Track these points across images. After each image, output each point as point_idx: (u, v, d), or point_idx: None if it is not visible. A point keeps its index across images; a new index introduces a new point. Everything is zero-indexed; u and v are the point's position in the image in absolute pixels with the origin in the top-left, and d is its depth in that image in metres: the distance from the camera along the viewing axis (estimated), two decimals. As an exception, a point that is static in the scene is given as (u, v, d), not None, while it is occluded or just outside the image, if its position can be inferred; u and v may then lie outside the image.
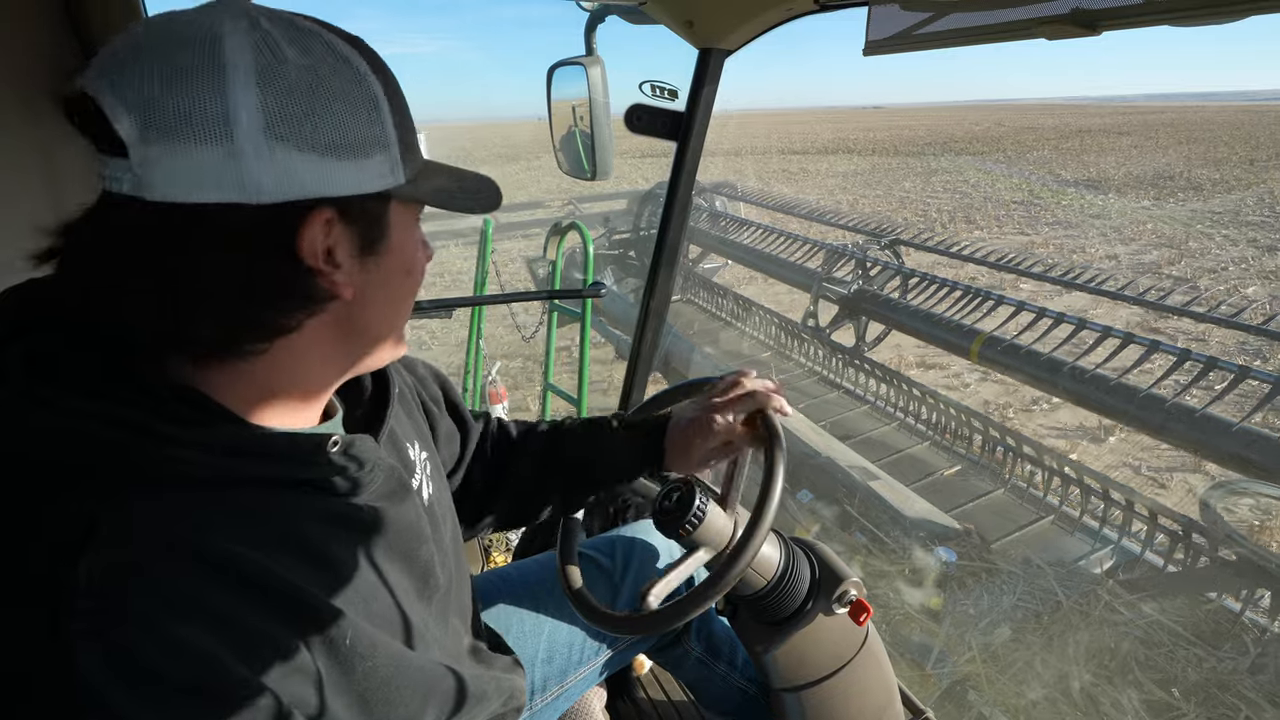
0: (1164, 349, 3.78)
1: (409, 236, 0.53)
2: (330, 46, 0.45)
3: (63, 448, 0.41)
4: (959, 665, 3.03)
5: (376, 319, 0.53)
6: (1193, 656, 2.96)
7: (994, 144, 38.20)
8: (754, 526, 0.72)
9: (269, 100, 0.41)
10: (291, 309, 0.47)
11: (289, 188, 0.43)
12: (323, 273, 0.46)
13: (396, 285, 0.53)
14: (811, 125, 70.20)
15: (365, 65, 0.46)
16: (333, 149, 0.44)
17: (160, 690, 0.39)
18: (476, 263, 4.50)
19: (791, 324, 5.99)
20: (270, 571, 0.45)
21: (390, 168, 0.48)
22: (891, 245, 6.37)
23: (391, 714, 0.53)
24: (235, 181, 0.41)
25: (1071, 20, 0.64)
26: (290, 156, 0.42)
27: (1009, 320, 4.58)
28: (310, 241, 0.45)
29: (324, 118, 0.43)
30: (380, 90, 0.47)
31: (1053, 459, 3.93)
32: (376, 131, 0.46)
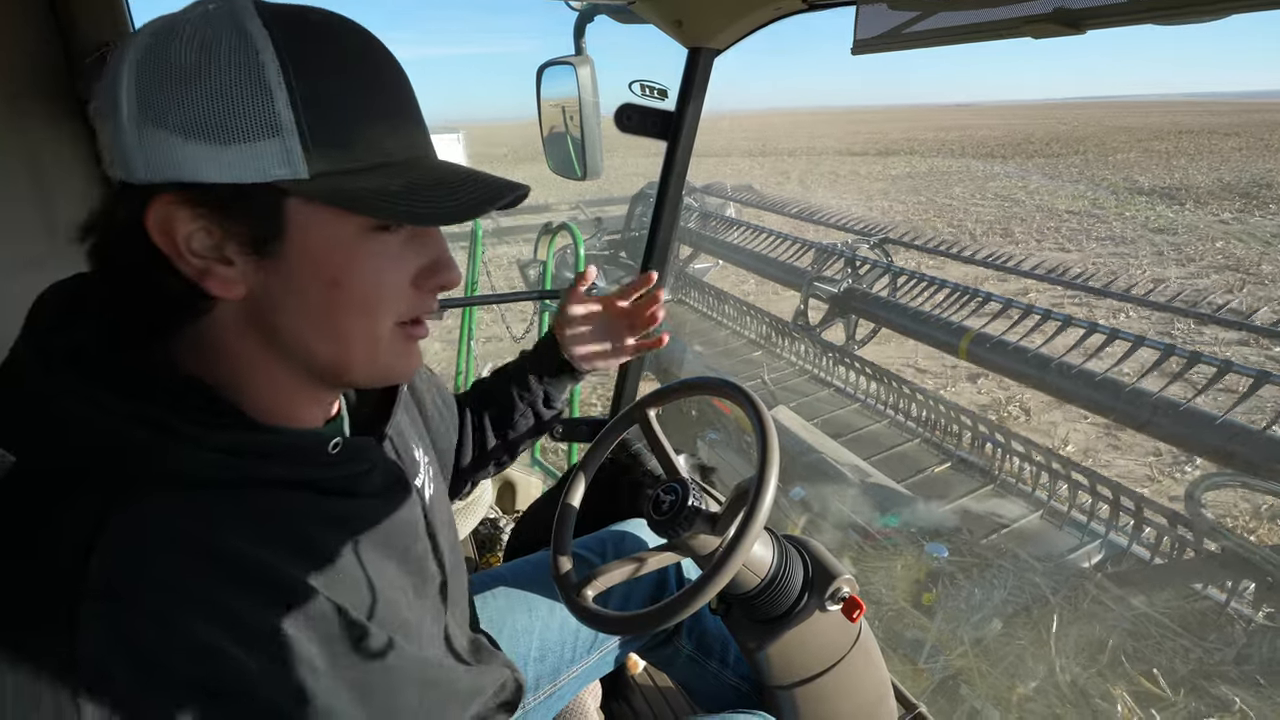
0: (1149, 344, 3.82)
1: (333, 244, 0.46)
2: (237, 28, 0.41)
3: (88, 442, 0.42)
4: (951, 660, 3.05)
5: (304, 334, 0.48)
6: (1180, 648, 2.99)
7: (1074, 145, 35.97)
8: (744, 528, 0.72)
9: (143, 79, 0.41)
10: (169, 294, 0.45)
11: (155, 169, 0.42)
12: (188, 262, 0.43)
13: (317, 296, 0.46)
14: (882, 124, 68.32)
15: (269, 47, 0.42)
16: (196, 131, 0.41)
17: (172, 684, 0.39)
18: (467, 264, 4.48)
19: (782, 323, 6.01)
20: (277, 569, 0.45)
21: (283, 158, 0.42)
22: (881, 244, 6.41)
23: (390, 707, 0.53)
24: (122, 160, 0.42)
25: (1055, 19, 0.65)
26: (157, 137, 0.41)
27: (997, 317, 4.62)
28: (156, 225, 0.42)
29: (194, 99, 0.41)
30: (275, 69, 0.41)
31: (1041, 454, 3.96)
32: (261, 114, 0.41)
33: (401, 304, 0.51)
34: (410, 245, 0.50)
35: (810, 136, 52.55)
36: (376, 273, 0.48)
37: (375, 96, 0.46)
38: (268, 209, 0.44)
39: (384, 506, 0.57)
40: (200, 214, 0.43)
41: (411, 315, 0.52)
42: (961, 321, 4.74)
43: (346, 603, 0.50)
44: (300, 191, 0.43)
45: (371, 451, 0.55)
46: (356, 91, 0.45)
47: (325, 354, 0.49)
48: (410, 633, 0.57)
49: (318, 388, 0.53)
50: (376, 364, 0.51)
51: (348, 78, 0.45)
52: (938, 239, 6.04)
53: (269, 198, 0.43)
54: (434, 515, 0.67)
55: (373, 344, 0.50)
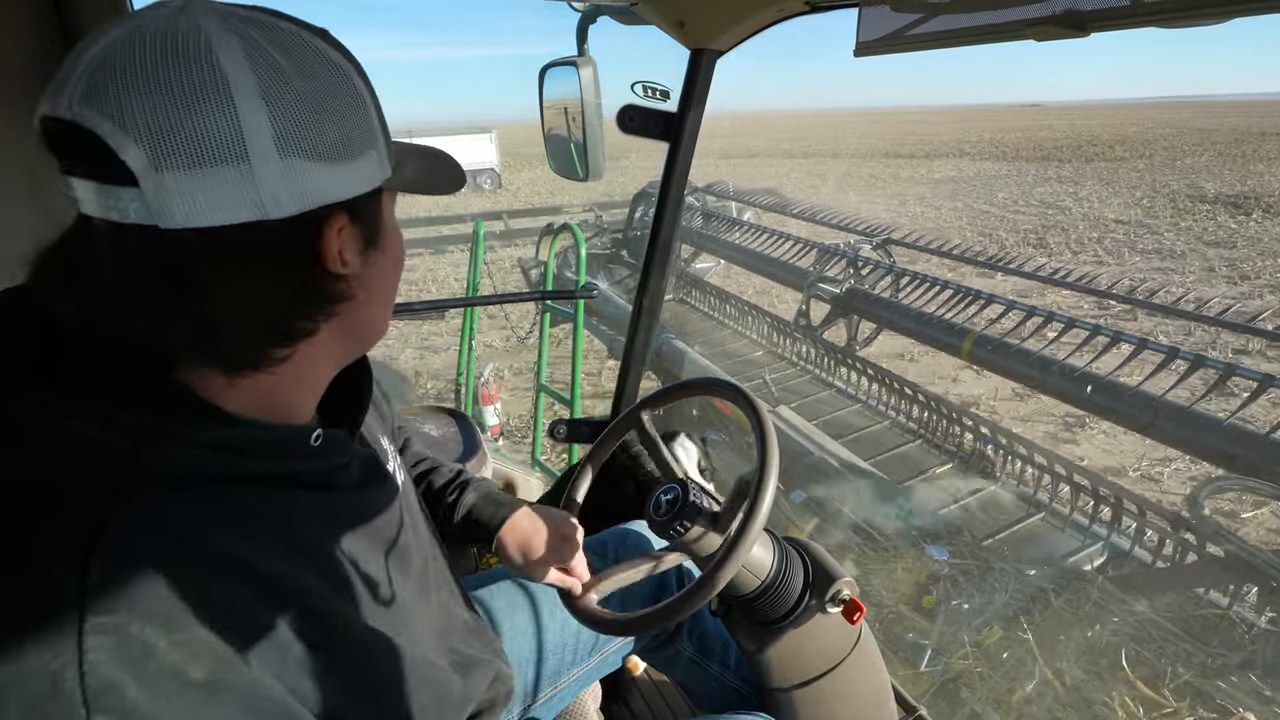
0: (1151, 346, 3.82)
1: (394, 225, 0.54)
2: (312, 48, 0.44)
3: (67, 451, 0.42)
4: (952, 663, 3.05)
5: (376, 312, 0.54)
6: (1182, 652, 2.98)
7: (1141, 148, 34.22)
8: (743, 531, 0.72)
9: (276, 114, 0.41)
10: (314, 314, 0.48)
11: (304, 199, 0.43)
12: (341, 276, 0.48)
13: (392, 276, 0.55)
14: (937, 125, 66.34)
15: (346, 63, 0.46)
16: (336, 154, 0.44)
17: (175, 686, 0.39)
18: (469, 264, 4.49)
19: (784, 323, 6.01)
20: (267, 566, 0.45)
21: (379, 162, 0.48)
22: (883, 245, 6.41)
23: (383, 697, 0.54)
24: (254, 200, 0.41)
25: (1059, 22, 0.65)
26: (301, 167, 0.42)
27: (1000, 318, 4.61)
28: (329, 247, 0.46)
29: (325, 124, 0.44)
30: (364, 88, 0.47)
31: (1043, 456, 3.95)
32: (367, 130, 0.47)
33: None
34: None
35: (858, 138, 51.85)
36: (402, 241, 0.56)
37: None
38: (378, 209, 0.50)
39: (364, 498, 0.58)
40: (344, 226, 0.47)
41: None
42: (964, 323, 4.74)
43: (336, 594, 0.51)
44: (389, 187, 0.50)
45: (347, 444, 0.56)
46: (378, 98, 0.50)
47: (380, 325, 0.56)
48: (399, 622, 0.58)
49: (335, 372, 0.56)
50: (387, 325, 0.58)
51: (373, 86, 0.50)
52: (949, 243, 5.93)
53: (377, 199, 0.50)
54: (410, 502, 0.69)
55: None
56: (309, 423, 0.55)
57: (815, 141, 48.72)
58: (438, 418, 1.87)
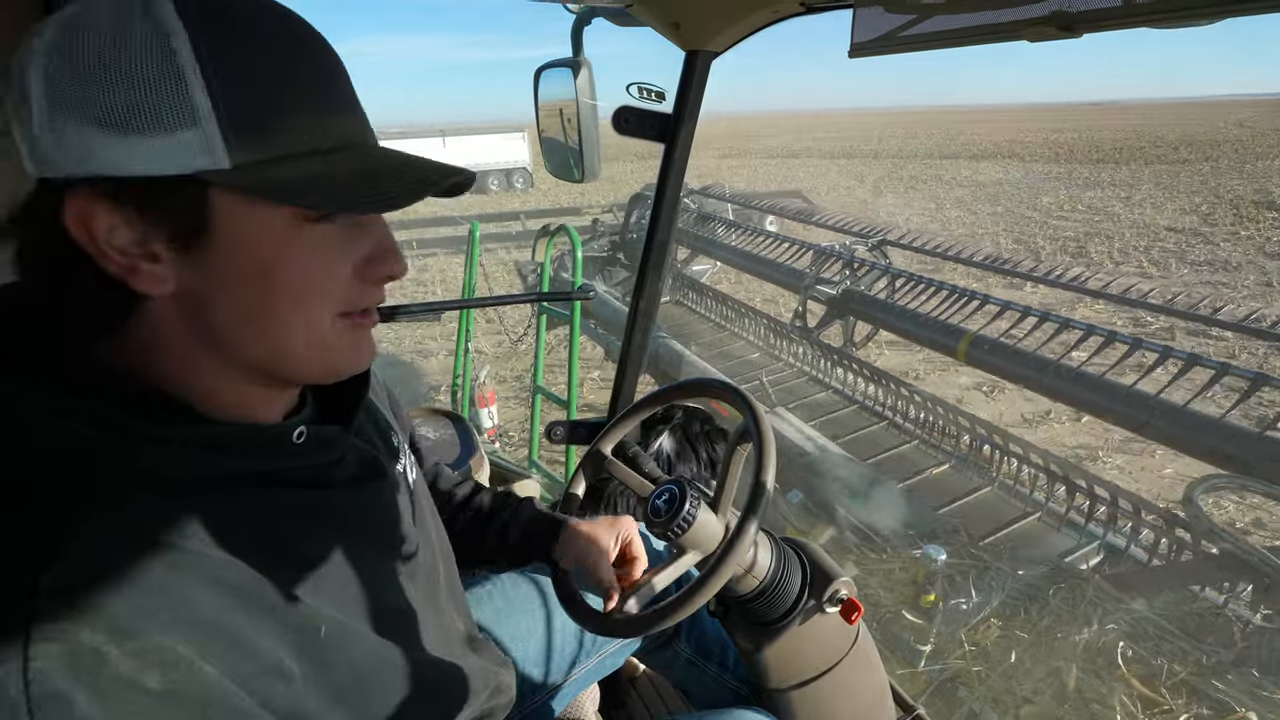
0: (1147, 346, 3.84)
1: (262, 236, 0.44)
2: (149, 14, 0.40)
3: (38, 448, 0.41)
4: (950, 662, 3.05)
5: (236, 328, 0.46)
6: (1178, 649, 2.99)
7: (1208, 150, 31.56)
8: (740, 531, 0.72)
9: (53, 70, 0.39)
10: (94, 293, 0.43)
11: (72, 164, 0.40)
12: (111, 260, 0.42)
13: (246, 288, 0.45)
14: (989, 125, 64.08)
15: (178, 26, 0.40)
16: (111, 123, 0.39)
17: (129, 695, 0.37)
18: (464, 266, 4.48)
19: (780, 324, 6.02)
20: (243, 571, 0.44)
21: (202, 147, 0.41)
22: (879, 246, 6.43)
23: (373, 707, 0.52)
24: (38, 155, 0.40)
25: (1052, 23, 0.65)
26: (71, 129, 0.39)
27: (995, 319, 4.63)
28: (76, 219, 0.41)
29: (107, 89, 0.39)
30: (189, 56, 0.40)
31: (1039, 455, 3.97)
32: (176, 103, 0.40)
33: (342, 295, 0.48)
34: (350, 235, 0.48)
35: (904, 138, 50.22)
36: (310, 264, 0.46)
37: (302, 82, 0.45)
38: (191, 201, 0.42)
39: (360, 496, 0.56)
40: (120, 208, 0.41)
41: (357, 306, 0.50)
42: (960, 324, 4.76)
43: (319, 599, 0.48)
44: (223, 182, 0.42)
45: (340, 440, 0.54)
46: (280, 77, 0.43)
47: (260, 348, 0.47)
48: (397, 627, 0.56)
49: (264, 384, 0.51)
50: (322, 358, 0.50)
51: (271, 63, 0.43)
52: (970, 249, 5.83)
53: (191, 189, 0.42)
54: (419, 503, 0.66)
55: (313, 337, 0.48)
56: (289, 421, 0.53)
57: (860, 141, 47.31)
58: (435, 420, 1.87)
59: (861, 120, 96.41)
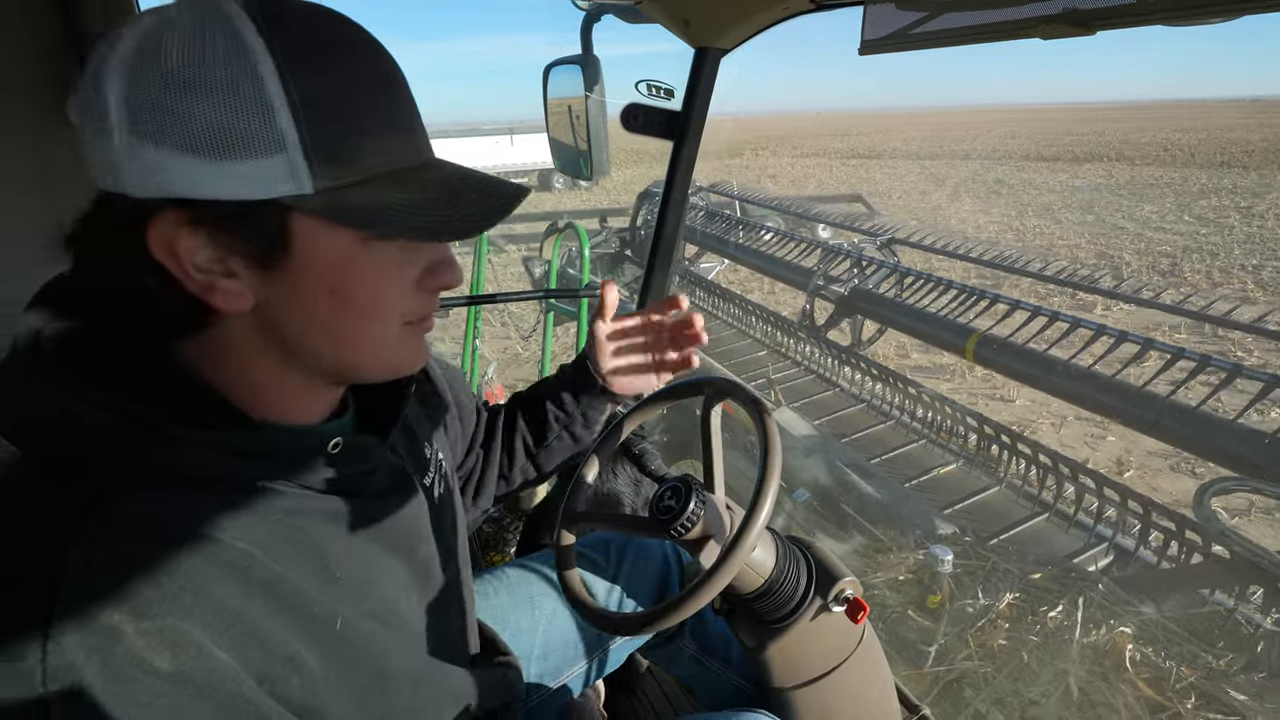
0: (1158, 346, 3.80)
1: (339, 257, 0.46)
2: (234, 39, 0.41)
3: (79, 435, 0.42)
4: (956, 663, 3.04)
5: (312, 338, 0.48)
6: (1187, 653, 2.97)
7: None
8: (744, 529, 0.72)
9: (136, 94, 0.40)
10: (165, 307, 0.45)
11: (150, 184, 0.41)
12: (191, 278, 0.43)
13: (321, 305, 0.47)
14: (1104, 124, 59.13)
15: (266, 56, 0.41)
16: (195, 148, 0.40)
17: (138, 674, 0.38)
18: (472, 263, 4.49)
19: (787, 322, 6.00)
20: (264, 566, 0.45)
21: (288, 173, 0.42)
22: (887, 244, 6.39)
23: (385, 705, 0.53)
24: (112, 171, 0.42)
25: (1065, 20, 0.65)
26: (153, 153, 0.40)
27: (1005, 318, 4.60)
28: (157, 241, 0.42)
29: (191, 113, 0.40)
30: (276, 85, 0.41)
31: (1048, 456, 3.94)
32: (263, 131, 0.41)
33: (406, 306, 0.51)
34: (409, 249, 0.50)
35: (1001, 137, 46.05)
36: (379, 280, 0.48)
37: (378, 106, 0.46)
38: (273, 225, 0.44)
39: (388, 507, 0.57)
40: (204, 230, 0.42)
41: (418, 315, 0.53)
42: (969, 323, 4.73)
43: (340, 601, 0.50)
44: (304, 207, 0.43)
45: (374, 451, 0.55)
46: (360, 102, 0.44)
47: (334, 359, 0.50)
48: (411, 633, 0.57)
49: (325, 385, 0.54)
50: (387, 362, 0.53)
51: (349, 89, 0.44)
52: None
53: (274, 214, 0.43)
54: (441, 516, 0.67)
55: (380, 346, 0.51)
56: (328, 427, 0.55)
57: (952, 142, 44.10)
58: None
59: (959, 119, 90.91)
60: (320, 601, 0.48)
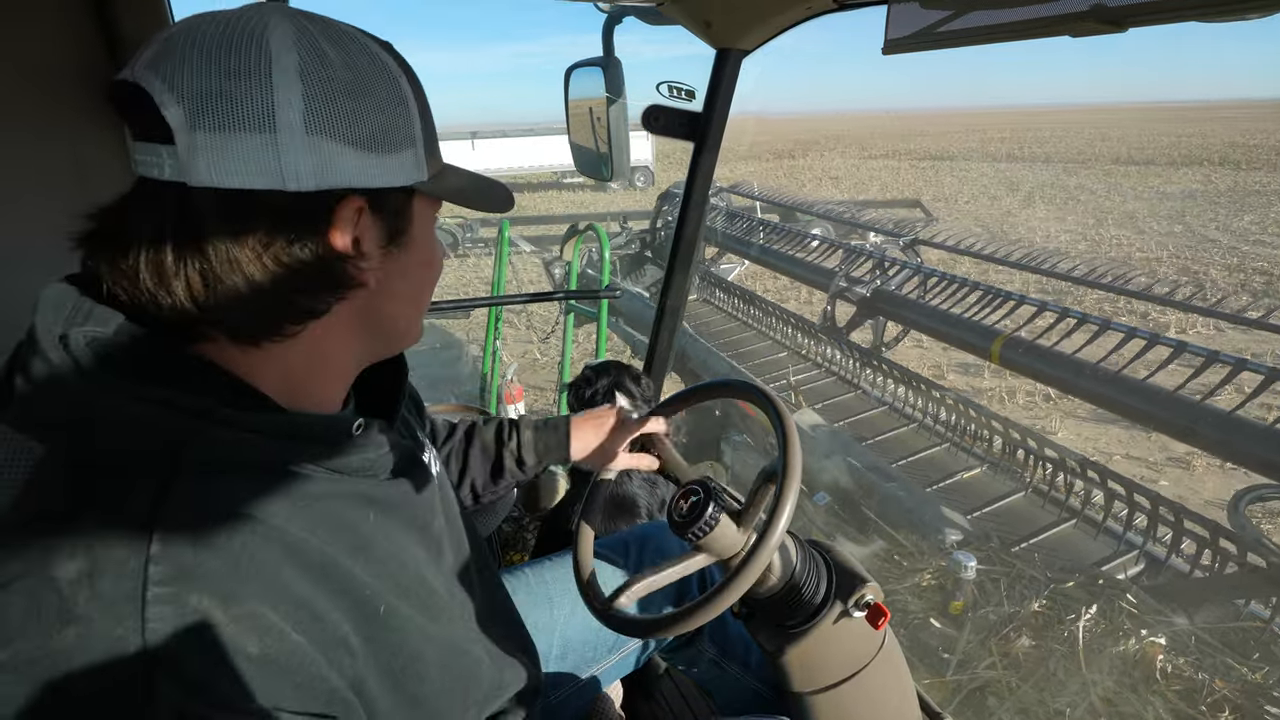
0: (1191, 350, 3.70)
1: (429, 231, 0.57)
2: (365, 48, 0.48)
3: (132, 433, 0.43)
4: (979, 671, 2.99)
5: (399, 307, 0.57)
6: (1220, 665, 2.89)
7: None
8: (766, 534, 0.71)
9: (311, 94, 0.45)
10: (321, 292, 0.49)
11: (325, 177, 0.46)
12: (350, 259, 0.50)
13: (417, 276, 0.57)
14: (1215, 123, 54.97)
15: (396, 67, 0.50)
16: (367, 143, 0.47)
17: (231, 658, 0.41)
18: (494, 265, 4.53)
19: (808, 324, 5.95)
20: (315, 549, 0.47)
21: (416, 164, 0.51)
22: (911, 245, 6.32)
23: (420, 689, 0.55)
24: (274, 169, 0.44)
25: (1096, 17, 0.63)
26: (328, 147, 0.46)
27: (1031, 320, 4.52)
28: (341, 228, 0.48)
29: (361, 113, 0.47)
30: (409, 91, 0.50)
31: (1075, 461, 3.86)
32: (406, 129, 0.50)
33: (440, 274, 0.62)
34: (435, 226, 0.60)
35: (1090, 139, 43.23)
36: (438, 250, 0.60)
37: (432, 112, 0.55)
38: (405, 207, 0.53)
39: (403, 486, 0.60)
40: (366, 213, 0.49)
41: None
42: (994, 324, 4.65)
43: (378, 581, 0.52)
44: (423, 190, 0.53)
45: (387, 433, 0.58)
46: (428, 104, 0.54)
47: (409, 329, 0.60)
48: (436, 610, 0.59)
49: (362, 366, 0.59)
50: (419, 329, 0.62)
51: (426, 97, 0.54)
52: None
53: (406, 197, 0.53)
54: (445, 492, 0.71)
55: (424, 309, 0.62)
56: (347, 412, 0.58)
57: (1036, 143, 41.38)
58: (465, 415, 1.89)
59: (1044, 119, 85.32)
60: (367, 584, 0.50)
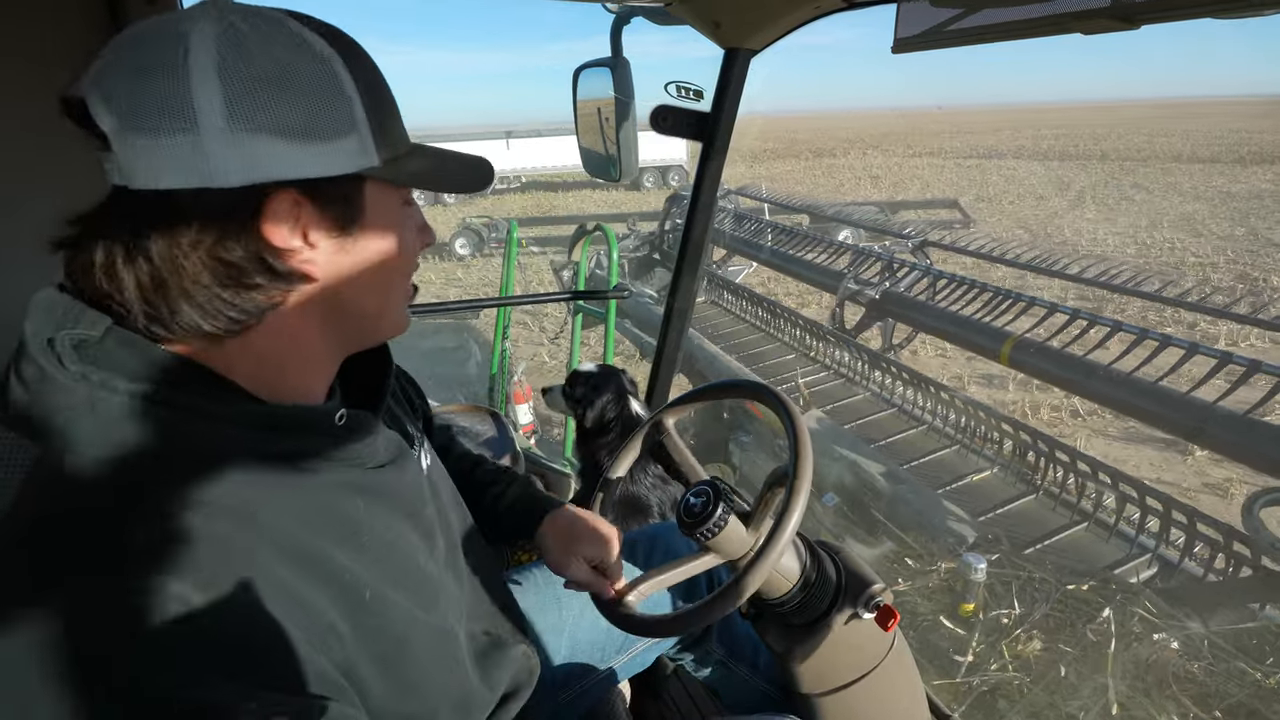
0: (1203, 351, 3.67)
1: (392, 217, 0.55)
2: (293, 36, 0.47)
3: (112, 430, 0.45)
4: (989, 674, 2.97)
5: (363, 296, 0.55)
6: (1235, 670, 2.86)
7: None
8: (775, 535, 0.71)
9: (230, 90, 0.44)
10: (263, 287, 0.49)
11: (252, 172, 0.45)
12: (290, 252, 0.49)
13: (379, 264, 0.55)
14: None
15: (333, 54, 0.48)
16: (297, 133, 0.46)
17: (209, 641, 0.41)
18: (502, 265, 4.54)
19: (817, 326, 5.93)
20: (297, 536, 0.49)
21: (361, 150, 0.50)
22: (920, 247, 6.29)
23: (407, 673, 0.56)
24: (202, 168, 0.44)
25: (1107, 14, 0.63)
26: (254, 142, 0.45)
27: (1041, 322, 4.49)
28: (274, 221, 0.47)
29: (287, 104, 0.46)
30: (346, 76, 0.48)
31: (1087, 464, 3.83)
32: (343, 115, 0.48)
33: (413, 261, 0.60)
34: (413, 213, 0.58)
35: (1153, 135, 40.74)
36: (407, 238, 0.57)
37: (391, 94, 0.54)
38: (353, 194, 0.51)
39: (392, 474, 0.61)
40: (300, 204, 0.48)
41: (413, 271, 0.61)
42: (1004, 326, 4.62)
43: (364, 567, 0.53)
44: (375, 176, 0.51)
45: (371, 422, 0.58)
46: (387, 90, 0.53)
47: (382, 318, 0.58)
48: (428, 597, 0.60)
49: (340, 356, 0.58)
50: (398, 320, 0.61)
51: (379, 79, 0.52)
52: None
53: (354, 184, 0.51)
54: (436, 484, 0.71)
55: (399, 298, 0.59)
56: (330, 404, 0.58)
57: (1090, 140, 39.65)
58: (473, 415, 1.90)
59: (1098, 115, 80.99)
60: (352, 571, 0.51)
